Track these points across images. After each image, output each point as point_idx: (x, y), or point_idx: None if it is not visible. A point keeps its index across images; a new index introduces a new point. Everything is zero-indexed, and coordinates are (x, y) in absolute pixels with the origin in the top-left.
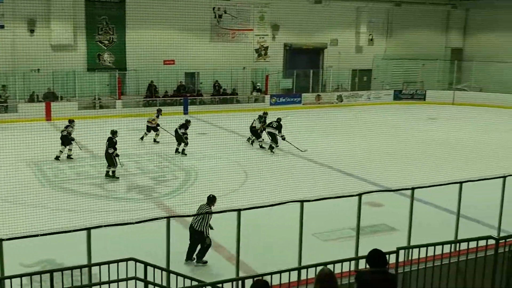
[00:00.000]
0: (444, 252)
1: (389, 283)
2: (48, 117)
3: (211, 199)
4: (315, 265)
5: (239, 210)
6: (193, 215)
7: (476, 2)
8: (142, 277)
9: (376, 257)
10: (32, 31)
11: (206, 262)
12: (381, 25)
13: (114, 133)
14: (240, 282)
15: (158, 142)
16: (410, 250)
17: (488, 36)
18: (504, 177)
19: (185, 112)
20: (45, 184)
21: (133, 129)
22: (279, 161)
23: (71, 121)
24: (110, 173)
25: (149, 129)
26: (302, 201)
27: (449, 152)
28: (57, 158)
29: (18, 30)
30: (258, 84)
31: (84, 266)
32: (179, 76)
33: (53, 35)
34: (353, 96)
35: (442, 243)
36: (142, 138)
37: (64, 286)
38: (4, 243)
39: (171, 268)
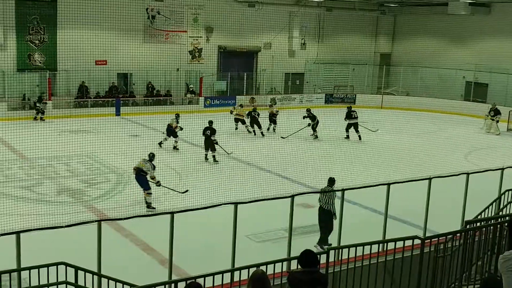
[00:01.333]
0: (372, 251)
1: (320, 283)
2: None
3: (333, 180)
4: (248, 267)
5: (172, 213)
6: (318, 192)
7: (403, 8)
8: (73, 281)
9: (307, 257)
10: None
11: (331, 244)
12: (313, 29)
13: (212, 122)
14: (172, 285)
15: (178, 149)
16: (340, 250)
17: (414, 41)
18: (430, 179)
19: (117, 113)
20: None
21: (64, 131)
22: (212, 164)
23: (177, 115)
24: (208, 157)
25: (169, 133)
26: (236, 203)
27: (377, 154)
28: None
29: None
30: (192, 86)
31: (14, 270)
32: (111, 77)
33: None
34: (286, 99)
35: (371, 243)
36: (160, 144)
37: None
38: None
39: (103, 272)
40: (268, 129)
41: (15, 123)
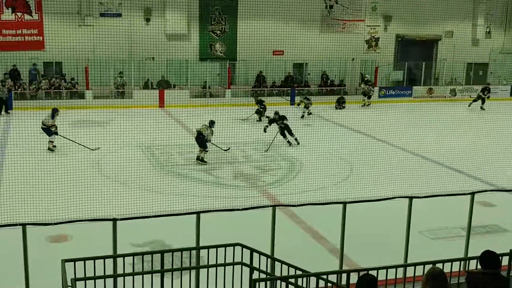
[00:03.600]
0: None
1: (501, 286)
2: (161, 104)
3: None
4: (424, 263)
5: (344, 203)
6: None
7: None
8: (248, 262)
9: (490, 258)
10: (148, 20)
11: None
12: (499, 17)
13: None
14: (344, 274)
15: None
16: None
17: None
18: None
19: (292, 103)
20: (157, 168)
21: (240, 119)
22: (385, 155)
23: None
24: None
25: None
26: (411, 197)
27: None
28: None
29: (134, 18)
30: (367, 75)
31: (193, 248)
32: (288, 67)
33: (168, 25)
34: (467, 90)
35: None
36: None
37: (174, 267)
38: (116, 223)
39: (275, 256)
40: None
41: (196, 110)
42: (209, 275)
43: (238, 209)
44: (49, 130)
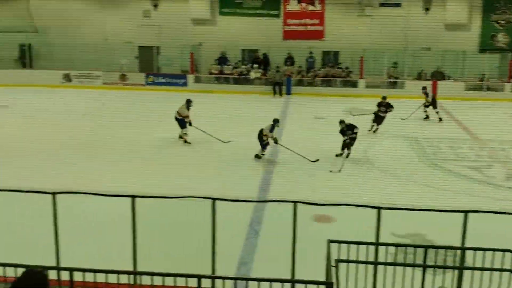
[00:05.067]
0: None
1: None
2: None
3: None
4: None
5: None
6: None
7: None
8: None
9: None
10: (427, 9)
11: None
12: None
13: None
14: None
15: None
16: None
17: None
18: None
19: None
20: (424, 160)
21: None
22: None
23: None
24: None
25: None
26: None
27: None
28: None
29: (413, 8)
30: None
31: (459, 248)
32: None
33: (447, 14)
34: None
35: None
36: None
37: (437, 263)
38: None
39: None
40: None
41: (470, 103)
42: (473, 278)
43: (510, 213)
44: (183, 121)
